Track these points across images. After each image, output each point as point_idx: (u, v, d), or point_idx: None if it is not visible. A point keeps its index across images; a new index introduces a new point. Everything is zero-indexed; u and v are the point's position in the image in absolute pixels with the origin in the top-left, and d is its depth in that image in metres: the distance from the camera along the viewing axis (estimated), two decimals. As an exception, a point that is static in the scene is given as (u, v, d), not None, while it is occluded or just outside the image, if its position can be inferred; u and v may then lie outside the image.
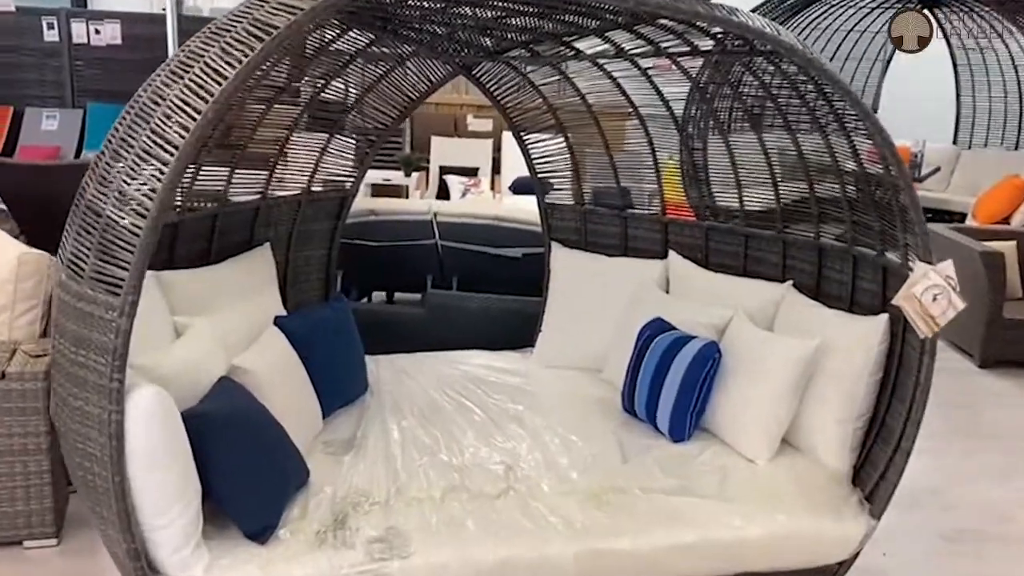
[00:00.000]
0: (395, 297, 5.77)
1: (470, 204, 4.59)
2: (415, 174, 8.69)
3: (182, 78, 2.15)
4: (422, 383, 3.68)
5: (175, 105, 2.12)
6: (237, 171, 3.46)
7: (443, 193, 8.44)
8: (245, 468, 2.50)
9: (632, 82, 3.72)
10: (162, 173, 2.07)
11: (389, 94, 3.83)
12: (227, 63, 2.09)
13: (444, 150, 8.82)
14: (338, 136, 3.80)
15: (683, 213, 4.02)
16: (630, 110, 3.78)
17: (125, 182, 2.17)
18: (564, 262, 4.12)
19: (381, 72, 3.70)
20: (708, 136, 3.88)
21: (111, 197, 2.18)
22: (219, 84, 2.07)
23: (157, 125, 2.13)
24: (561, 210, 4.16)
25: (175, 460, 2.27)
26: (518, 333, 4.24)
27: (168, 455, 2.25)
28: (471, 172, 8.55)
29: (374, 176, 8.73)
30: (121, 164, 2.20)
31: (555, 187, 4.21)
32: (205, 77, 2.10)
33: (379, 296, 5.80)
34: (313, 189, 3.80)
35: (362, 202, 4.78)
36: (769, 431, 3.14)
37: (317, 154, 3.76)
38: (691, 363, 3.24)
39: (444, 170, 8.61)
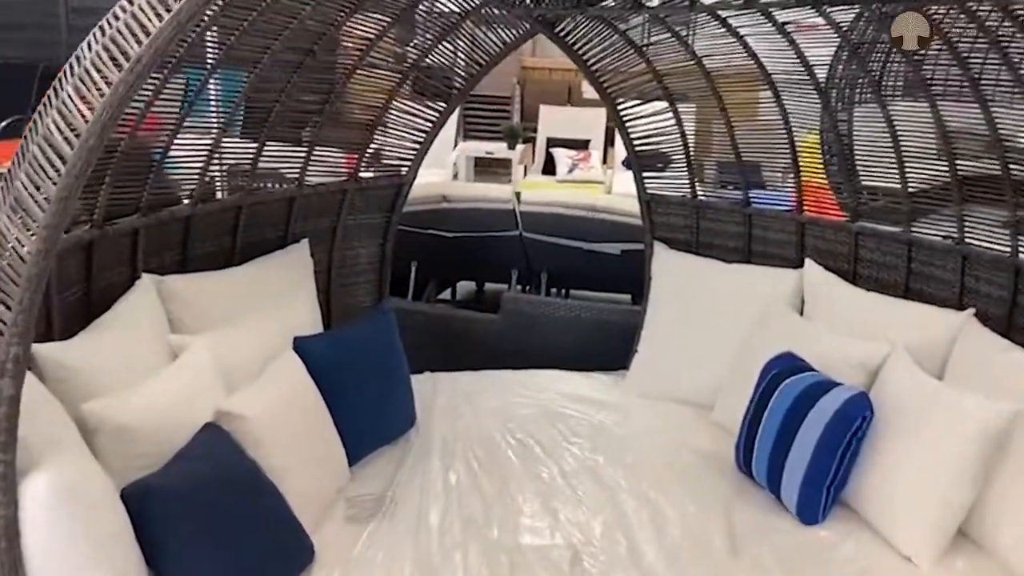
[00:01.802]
0: (485, 287, 5.11)
1: (560, 192, 3.86)
2: (520, 146, 7.98)
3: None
4: (484, 416, 2.99)
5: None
6: (267, 148, 2.83)
7: (549, 167, 7.71)
8: (209, 561, 1.88)
9: (764, 41, 2.86)
10: (58, 173, 1.44)
11: (452, 58, 3.11)
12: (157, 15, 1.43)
13: (553, 120, 8.05)
14: (391, 111, 3.12)
15: (823, 203, 3.14)
16: (760, 76, 2.92)
17: (23, 186, 1.55)
18: (669, 267, 3.33)
19: (441, 29, 2.98)
20: (858, 104, 2.99)
21: (6, 208, 1.56)
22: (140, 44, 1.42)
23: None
24: (667, 202, 3.35)
25: (99, 563, 1.66)
26: (613, 349, 3.49)
27: (87, 558, 1.64)
28: (581, 145, 7.77)
29: (476, 148, 8.11)
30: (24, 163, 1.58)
31: (661, 170, 3.39)
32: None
33: (467, 287, 5.16)
34: (362, 175, 3.14)
35: (432, 187, 4.11)
36: (936, 521, 2.27)
37: (367, 132, 3.09)
38: (832, 420, 2.41)
39: (552, 142, 7.86)
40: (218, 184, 2.95)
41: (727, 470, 2.71)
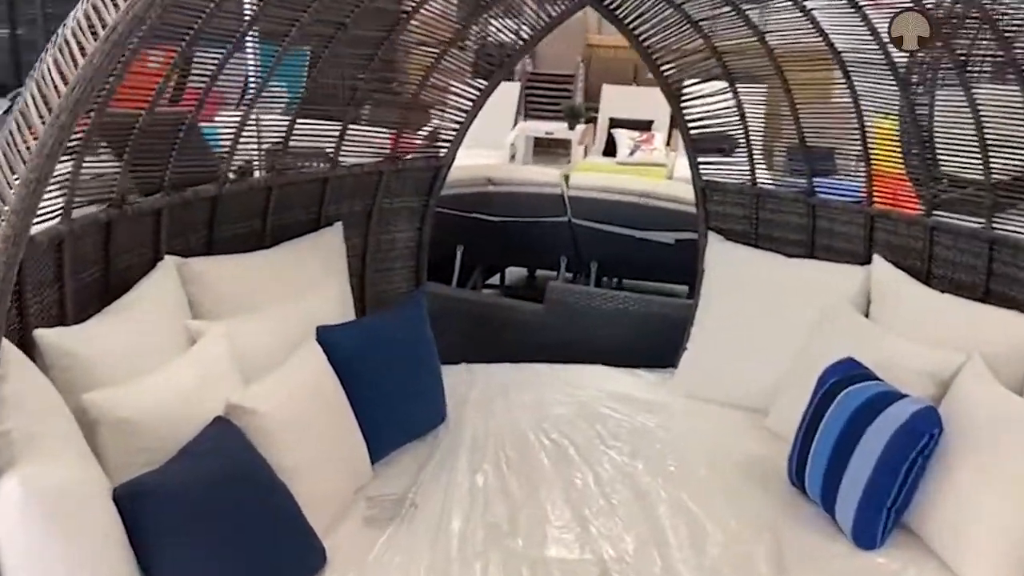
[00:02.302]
0: (537, 274, 4.93)
1: (611, 177, 3.65)
2: (581, 126, 7.75)
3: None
4: (518, 413, 2.82)
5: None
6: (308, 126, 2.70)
7: (610, 148, 7.46)
8: (206, 566, 1.76)
9: (834, 16, 2.60)
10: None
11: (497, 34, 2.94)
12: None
13: (616, 100, 7.78)
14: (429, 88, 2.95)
15: (896, 194, 2.88)
16: (829, 55, 2.67)
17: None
18: (724, 259, 3.10)
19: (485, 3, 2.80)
20: (939, 87, 2.71)
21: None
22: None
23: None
24: (723, 190, 3.12)
25: (81, 571, 1.55)
26: (662, 345, 3.28)
27: (67, 565, 1.53)
28: (644, 126, 7.49)
29: (535, 128, 7.91)
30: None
31: (727, 153, 3.15)
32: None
33: (518, 273, 4.99)
34: (399, 156, 2.99)
35: (477, 169, 3.94)
36: (1010, 554, 2.03)
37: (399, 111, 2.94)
38: (896, 435, 2.18)
39: (614, 123, 7.59)
40: (255, 163, 2.84)
41: (778, 483, 2.50)
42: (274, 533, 1.93)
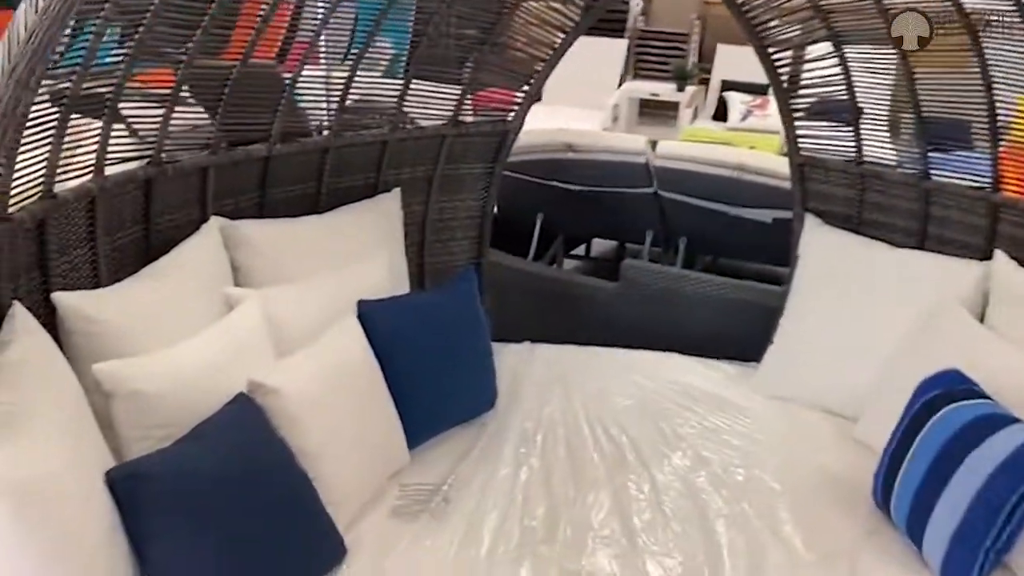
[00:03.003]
0: (627, 247, 4.65)
1: (702, 147, 3.33)
2: (691, 88, 7.35)
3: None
4: (577, 403, 2.61)
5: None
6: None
7: (721, 112, 7.04)
8: (207, 559, 1.64)
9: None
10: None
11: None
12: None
13: (731, 61, 7.30)
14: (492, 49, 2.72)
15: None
16: (955, 16, 2.29)
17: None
18: (822, 245, 2.78)
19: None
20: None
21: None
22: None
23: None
24: (825, 167, 2.77)
25: (55, 568, 1.43)
26: (747, 336, 3.00)
27: (38, 562, 1.41)
28: (759, 90, 7.01)
29: (640, 89, 7.54)
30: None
31: (844, 121, 2.78)
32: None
33: (606, 245, 4.73)
34: (461, 119, 2.78)
35: (556, 134, 3.69)
36: None
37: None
38: (1002, 467, 1.86)
39: (727, 85, 7.15)
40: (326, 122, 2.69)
41: (860, 503, 2.20)
42: (287, 524, 1.80)
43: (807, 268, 2.79)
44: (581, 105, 6.69)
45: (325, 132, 2.61)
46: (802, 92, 2.77)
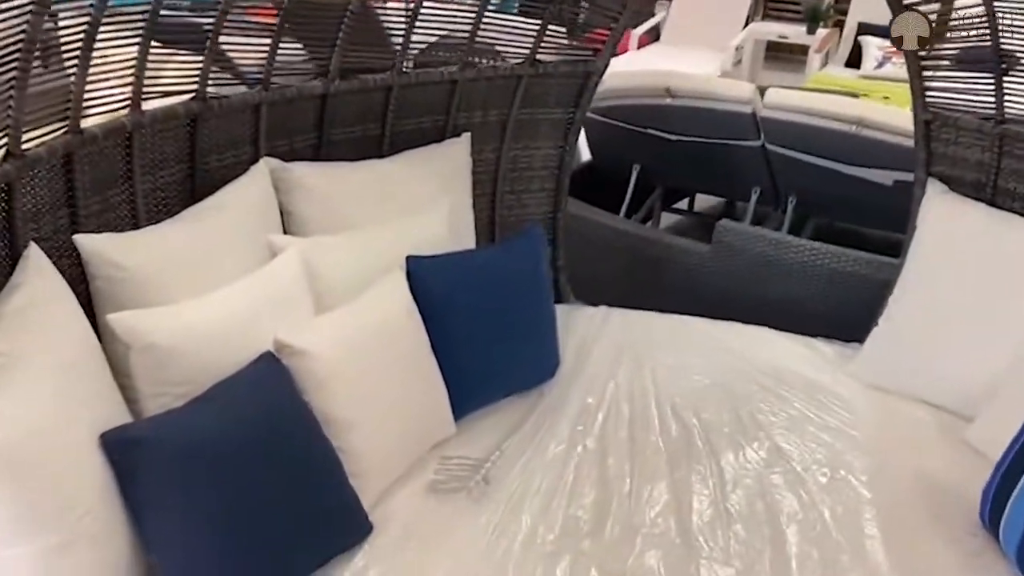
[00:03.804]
0: (737, 204, 4.30)
1: (818, 97, 2.95)
2: (822, 31, 6.77)
3: None
4: (648, 378, 2.38)
5: None
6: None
7: (854, 59, 6.44)
8: (209, 533, 1.53)
9: None
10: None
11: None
12: None
13: (869, 1, 6.63)
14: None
15: None
16: None
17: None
18: (945, 215, 2.41)
19: None
20: None
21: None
22: None
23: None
24: (956, 126, 2.37)
25: (24, 536, 1.33)
26: (854, 312, 2.68)
27: (9, 530, 1.32)
28: (900, 34, 6.36)
29: (767, 31, 7.00)
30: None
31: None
32: None
33: (708, 200, 4.40)
34: (539, 59, 2.52)
35: (652, 77, 3.37)
36: None
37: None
38: None
39: (863, 28, 6.52)
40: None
41: (964, 521, 1.89)
42: (304, 498, 1.67)
43: (926, 241, 2.42)
44: (703, 46, 6.27)
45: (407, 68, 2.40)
46: (939, 33, 2.36)
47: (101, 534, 1.44)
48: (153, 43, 1.87)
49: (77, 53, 1.71)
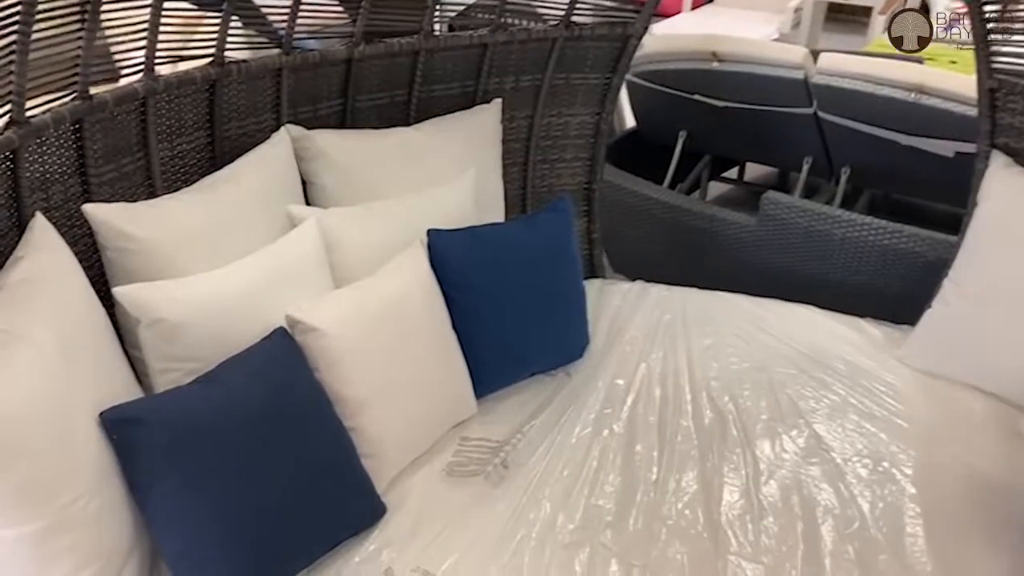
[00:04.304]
0: (790, 175, 4.13)
1: (874, 63, 2.75)
2: (887, -15, 6.43)
3: None
4: (683, 359, 2.27)
5: None
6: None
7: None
8: (211, 514, 1.48)
9: None
10: None
11: None
12: None
13: (940, -41, 6.29)
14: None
15: None
16: None
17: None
18: (1010, 190, 2.22)
19: None
20: None
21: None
22: None
23: None
24: (1025, 95, 2.19)
25: (21, 508, 1.30)
26: (907, 292, 2.53)
27: (4, 503, 1.28)
28: (972, -5, 6.03)
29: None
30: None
31: None
32: None
33: (759, 170, 4.22)
34: (575, 20, 2.39)
35: (698, 40, 3.20)
36: None
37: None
38: None
39: (931, -11, 6.18)
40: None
41: (1020, 524, 1.77)
42: (312, 480, 1.61)
43: (987, 217, 2.25)
44: (760, 7, 6.01)
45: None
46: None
47: (100, 515, 1.40)
48: (167, 3, 1.81)
49: (84, 15, 1.65)
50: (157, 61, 1.86)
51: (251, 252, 1.86)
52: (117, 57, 1.80)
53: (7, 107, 1.55)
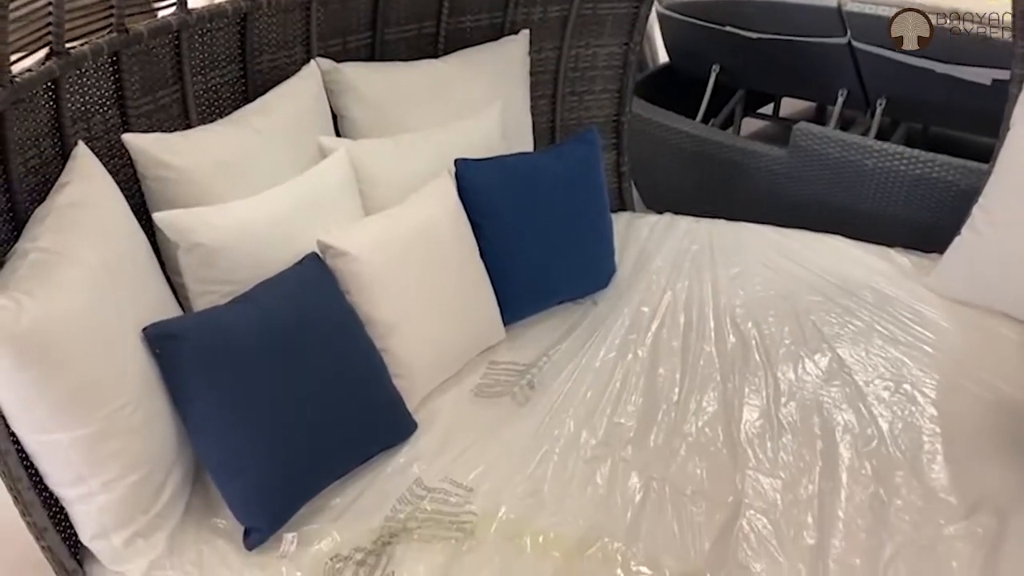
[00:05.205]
0: (827, 109, 4.07)
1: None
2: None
3: None
4: (709, 287, 2.30)
5: None
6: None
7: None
8: (249, 425, 1.56)
9: None
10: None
11: None
12: None
13: None
14: None
15: None
16: None
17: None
18: (1046, 117, 2.20)
19: None
20: None
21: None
22: None
23: None
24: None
25: (66, 422, 1.39)
26: (938, 221, 2.52)
27: (50, 414, 1.37)
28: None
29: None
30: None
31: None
32: None
33: (796, 105, 4.17)
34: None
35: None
36: None
37: None
38: None
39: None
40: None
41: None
42: (346, 395, 1.69)
43: (1019, 143, 2.22)
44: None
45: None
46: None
47: (146, 424, 1.50)
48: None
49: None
50: (190, -6, 1.90)
51: (283, 182, 1.92)
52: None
53: (47, 39, 1.61)
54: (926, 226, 2.62)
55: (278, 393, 1.59)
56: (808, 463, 1.73)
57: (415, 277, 1.88)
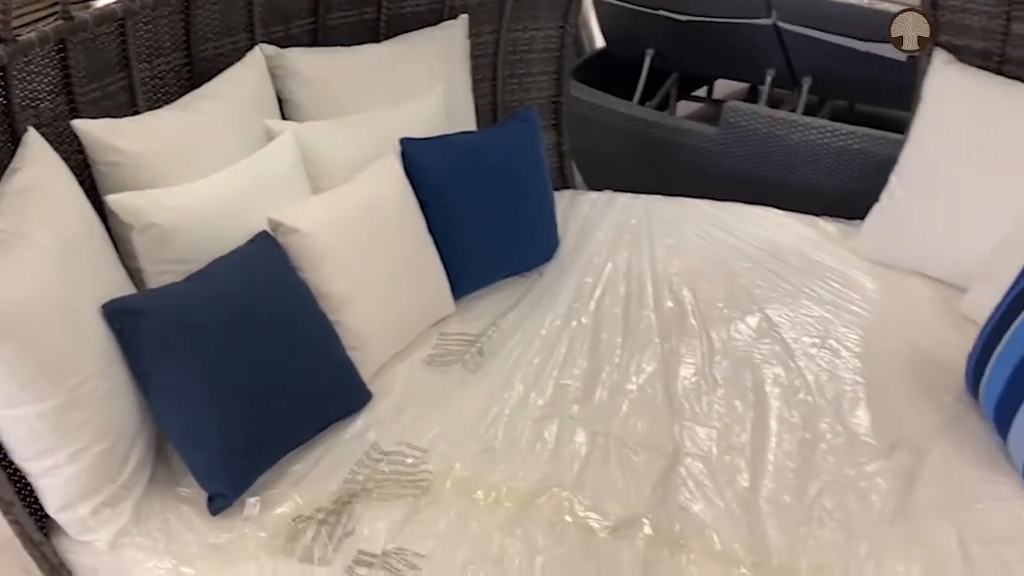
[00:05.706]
0: (760, 89, 4.22)
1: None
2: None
3: None
4: (646, 258, 2.41)
5: None
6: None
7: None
8: (210, 397, 1.62)
9: None
10: None
11: None
12: None
13: None
14: None
15: None
16: None
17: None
18: (951, 87, 2.34)
19: None
20: None
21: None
22: None
23: None
24: (963, -7, 2.30)
25: (24, 400, 1.44)
26: (861, 190, 2.65)
27: (11, 393, 1.42)
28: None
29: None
30: None
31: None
32: None
33: (730, 87, 4.31)
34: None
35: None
36: None
37: None
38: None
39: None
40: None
41: (950, 386, 1.93)
42: (302, 366, 1.75)
43: (930, 113, 2.37)
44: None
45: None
46: None
47: (109, 396, 1.55)
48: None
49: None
50: (133, -18, 1.94)
51: (232, 164, 1.98)
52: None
53: (-4, 26, 1.64)
54: (850, 195, 2.76)
55: (235, 365, 1.66)
56: (740, 414, 1.85)
57: (364, 252, 1.95)
